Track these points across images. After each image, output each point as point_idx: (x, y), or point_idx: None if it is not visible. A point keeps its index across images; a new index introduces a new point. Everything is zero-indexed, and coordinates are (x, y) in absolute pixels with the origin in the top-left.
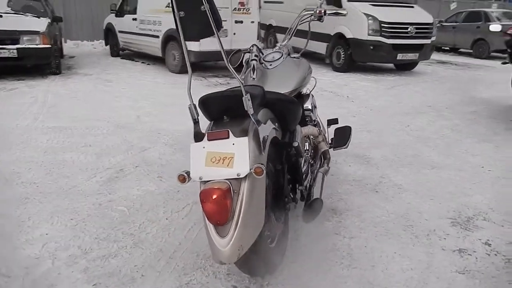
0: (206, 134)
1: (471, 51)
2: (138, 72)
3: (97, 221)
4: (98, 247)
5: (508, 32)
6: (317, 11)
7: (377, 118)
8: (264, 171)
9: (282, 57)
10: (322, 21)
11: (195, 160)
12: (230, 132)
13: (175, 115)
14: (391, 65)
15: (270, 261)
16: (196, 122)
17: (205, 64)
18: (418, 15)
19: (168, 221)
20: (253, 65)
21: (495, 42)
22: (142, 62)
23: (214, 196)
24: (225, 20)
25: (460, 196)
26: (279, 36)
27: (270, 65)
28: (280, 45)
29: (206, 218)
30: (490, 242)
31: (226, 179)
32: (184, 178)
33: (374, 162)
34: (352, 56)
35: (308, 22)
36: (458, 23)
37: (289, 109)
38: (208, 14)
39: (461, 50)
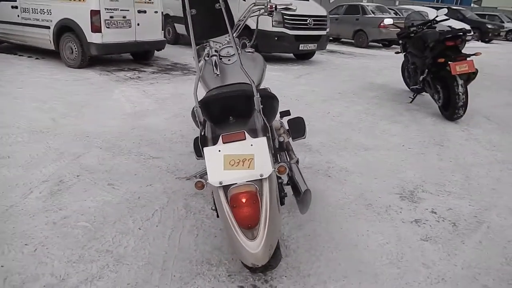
0: (221, 137)
1: (353, 41)
2: (27, 68)
3: (59, 242)
4: (75, 271)
5: (380, 26)
6: (268, 6)
7: (299, 106)
8: (287, 169)
9: (236, 53)
10: (272, 16)
11: (211, 164)
12: (246, 133)
13: (95, 115)
14: (290, 55)
15: (279, 254)
16: (201, 125)
17: (107, 58)
18: (314, 8)
19: (143, 230)
20: (215, 60)
21: (372, 33)
22: (29, 57)
23: (244, 200)
24: (128, 10)
25: (396, 173)
26: (178, 27)
27: (229, 60)
28: (228, 39)
29: (233, 223)
30: (435, 211)
31: (249, 181)
32: (202, 184)
33: (315, 148)
34: (258, 47)
35: (256, 17)
36: (340, 16)
37: (271, 105)
38: (223, 12)
39: (343, 40)
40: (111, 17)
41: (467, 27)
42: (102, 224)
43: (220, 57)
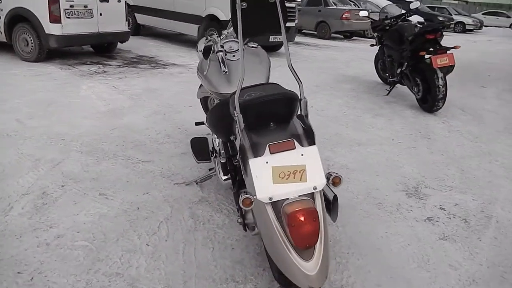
0: (268, 147)
1: (315, 32)
2: None
3: (59, 267)
4: None
5: (342, 17)
6: None
7: None
8: (342, 180)
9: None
10: None
11: (259, 178)
12: (295, 142)
13: (65, 114)
14: None
15: None
16: (240, 133)
17: (66, 50)
18: None
19: (151, 247)
20: (221, 57)
21: (335, 25)
22: None
23: (303, 218)
24: None
25: (395, 168)
26: (138, 16)
27: (233, 56)
28: (227, 32)
29: (285, 242)
30: (443, 207)
31: (301, 195)
32: (250, 201)
33: None
34: None
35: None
36: (302, 7)
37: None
38: (278, 7)
39: (305, 31)
40: (72, 6)
41: (421, 19)
42: (104, 242)
43: (226, 52)
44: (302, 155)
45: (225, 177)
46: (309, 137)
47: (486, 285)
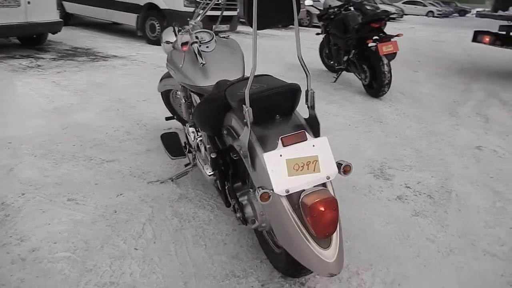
0: (281, 140)
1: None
2: None
3: (43, 283)
4: None
5: None
6: None
7: None
8: (352, 168)
9: (213, 39)
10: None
11: (274, 171)
12: (306, 133)
13: (6, 114)
14: None
15: None
16: (249, 126)
17: None
18: None
19: (141, 250)
20: (197, 48)
21: None
22: None
23: (323, 208)
24: None
25: (358, 152)
26: (67, 5)
27: (207, 47)
28: (194, 22)
29: (303, 233)
30: (408, 185)
31: (316, 186)
32: (268, 195)
33: None
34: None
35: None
36: None
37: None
38: None
39: (242, 20)
40: None
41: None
42: (88, 251)
43: (200, 44)
44: (313, 146)
45: (211, 172)
46: (316, 128)
47: (463, 253)
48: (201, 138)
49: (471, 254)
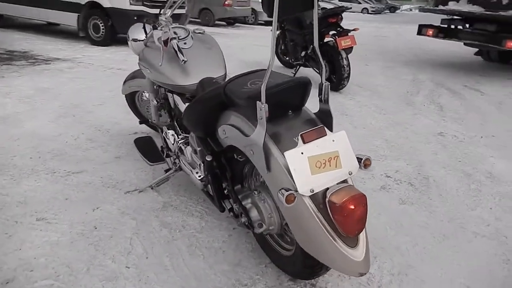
0: (301, 136)
1: (199, 19)
2: None
3: None
4: None
5: (225, 4)
6: None
7: None
8: (371, 161)
9: (189, 35)
10: None
11: (297, 171)
12: (326, 128)
13: None
14: None
15: None
16: (264, 124)
17: None
18: None
19: (134, 268)
20: (177, 45)
21: (218, 12)
22: None
23: (353, 206)
24: None
25: None
26: None
27: (185, 43)
28: (165, 18)
29: (330, 233)
30: (388, 175)
31: (339, 182)
32: (294, 197)
33: None
34: (114, 28)
35: None
36: None
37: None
38: None
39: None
40: None
41: None
42: (73, 276)
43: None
44: (333, 141)
45: (201, 177)
46: (329, 122)
47: (455, 237)
48: (183, 141)
49: (463, 238)
